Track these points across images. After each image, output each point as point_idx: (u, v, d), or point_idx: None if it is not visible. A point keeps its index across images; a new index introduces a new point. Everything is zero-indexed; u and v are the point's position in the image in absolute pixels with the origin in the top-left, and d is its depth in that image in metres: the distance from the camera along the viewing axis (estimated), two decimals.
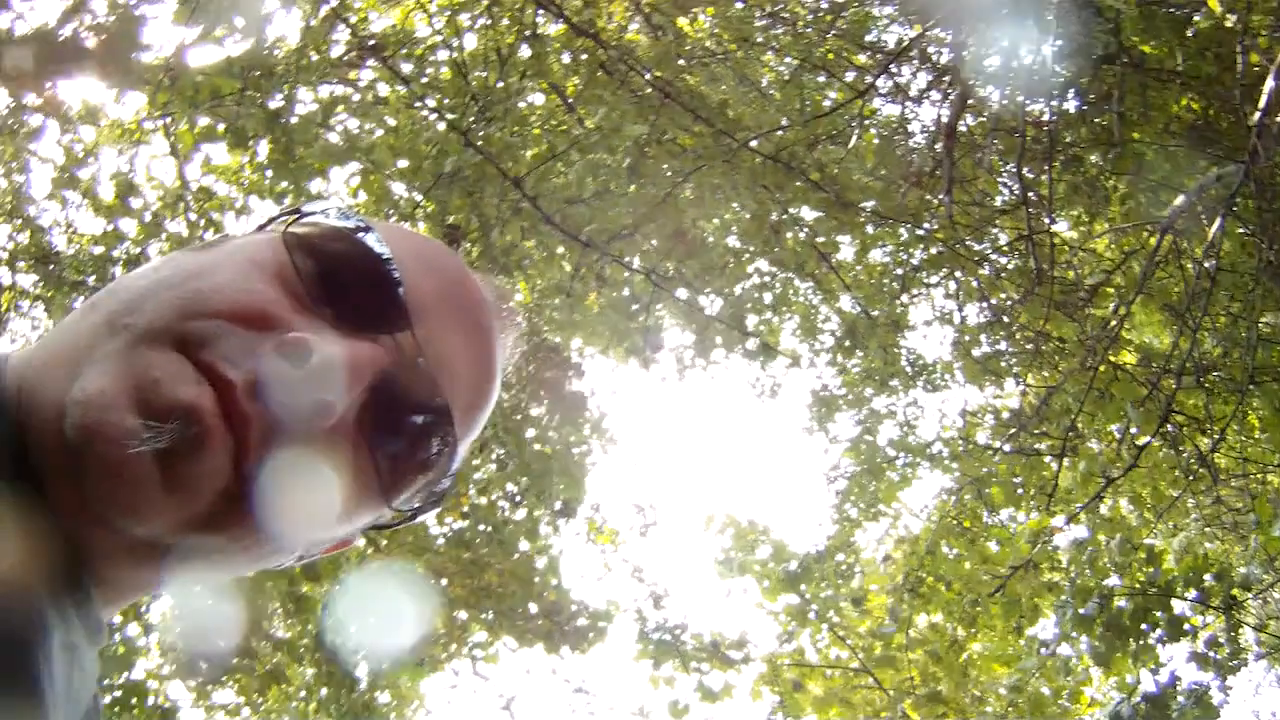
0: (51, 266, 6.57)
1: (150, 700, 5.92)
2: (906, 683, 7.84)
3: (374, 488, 0.73)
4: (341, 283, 0.72)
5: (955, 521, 6.83)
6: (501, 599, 6.12)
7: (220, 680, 7.04)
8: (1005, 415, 6.99)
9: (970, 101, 7.16)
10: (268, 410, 0.65)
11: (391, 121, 6.27)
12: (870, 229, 6.30)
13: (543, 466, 5.83)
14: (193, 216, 6.80)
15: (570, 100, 5.99)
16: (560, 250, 5.37)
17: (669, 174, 5.65)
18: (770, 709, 7.43)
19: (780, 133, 5.88)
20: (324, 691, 6.23)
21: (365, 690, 6.14)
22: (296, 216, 0.77)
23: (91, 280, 6.91)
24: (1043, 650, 7.41)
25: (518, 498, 6.17)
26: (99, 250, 6.68)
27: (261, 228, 0.82)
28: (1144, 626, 6.23)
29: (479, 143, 5.25)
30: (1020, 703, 8.35)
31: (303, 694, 6.62)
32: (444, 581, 6.17)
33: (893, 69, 7.16)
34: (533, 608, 6.27)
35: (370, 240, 0.74)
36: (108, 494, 0.63)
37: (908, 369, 6.84)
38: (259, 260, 0.72)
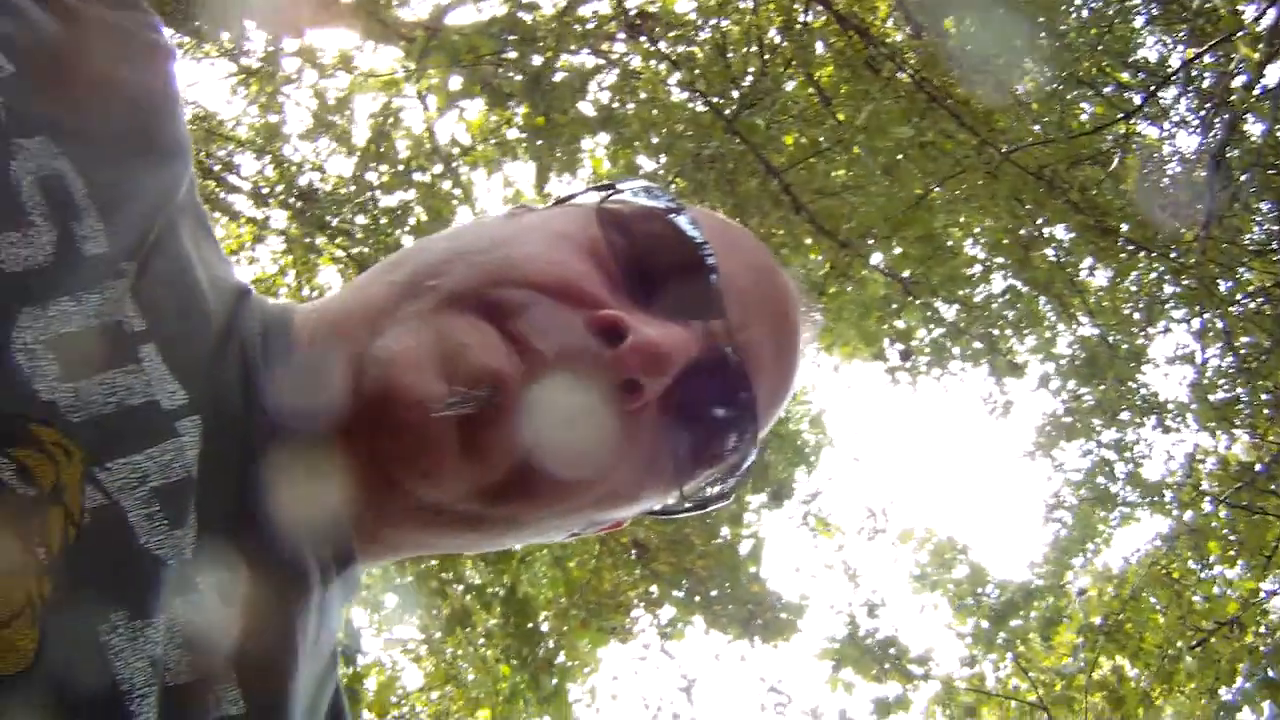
0: (304, 205, 6.90)
1: None
2: None
3: (666, 474, 0.72)
4: (655, 264, 0.70)
5: (1164, 570, 6.53)
6: (702, 580, 6.16)
7: (405, 617, 7.38)
8: (1234, 468, 6.62)
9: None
10: (576, 385, 0.63)
11: (644, 96, 6.33)
12: (1124, 256, 6.03)
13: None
14: (439, 169, 7.05)
15: (827, 95, 5.92)
16: (808, 241, 5.34)
17: (924, 178, 5.54)
18: None
19: (1043, 147, 5.68)
20: (507, 643, 6.41)
21: (549, 649, 6.28)
22: (609, 192, 0.75)
23: (335, 222, 7.26)
24: (1221, 715, 7.05)
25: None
26: (348, 193, 6.99)
27: (563, 201, 0.81)
28: None
29: (741, 130, 5.25)
30: None
31: (483, 640, 6.85)
32: (646, 554, 6.26)
33: (1152, 87, 6.83)
34: (727, 593, 6.29)
35: (683, 222, 0.71)
36: (403, 455, 0.63)
37: (1141, 404, 6.54)
38: (569, 233, 0.71)
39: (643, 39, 6.19)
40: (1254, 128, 7.01)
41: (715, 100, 5.47)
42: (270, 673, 0.59)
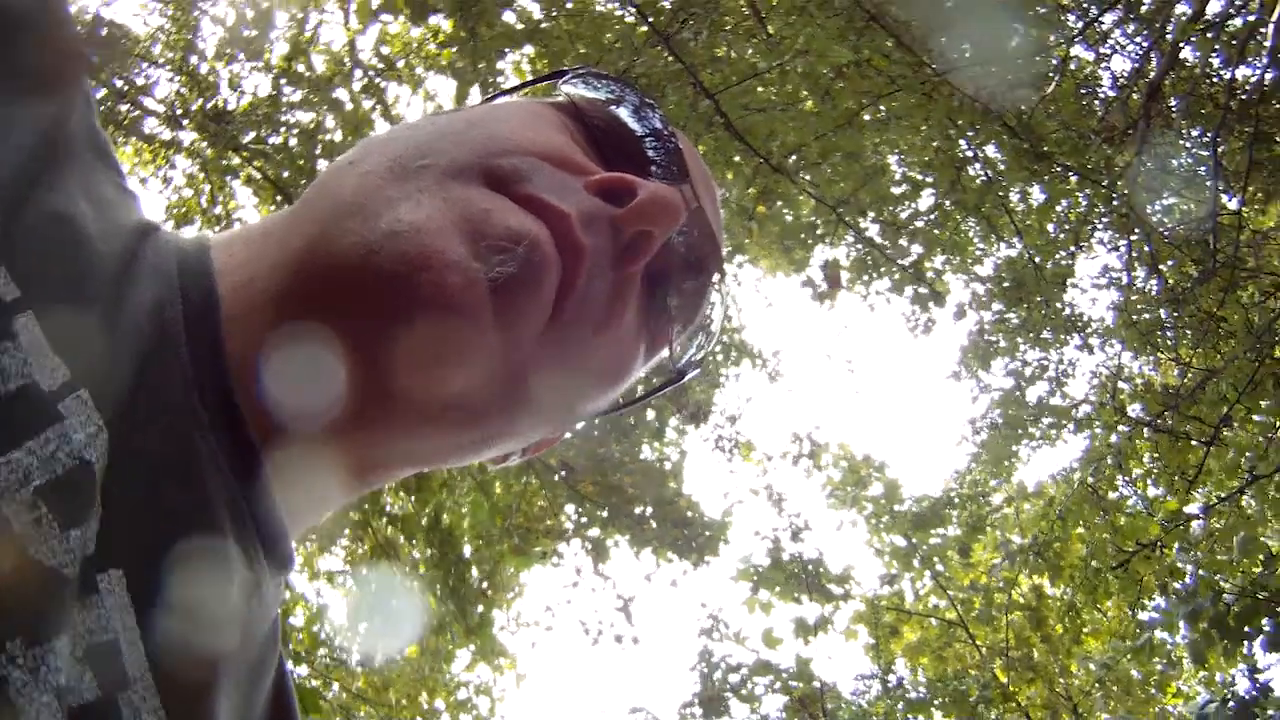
0: (216, 125, 6.58)
1: None
2: (1001, 643, 7.79)
3: (650, 345, 0.71)
4: (625, 136, 0.71)
5: (1091, 490, 6.65)
6: (629, 500, 6.13)
7: (328, 548, 7.24)
8: (1158, 390, 6.75)
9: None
10: (595, 246, 0.61)
11: (570, 6, 6.11)
12: (1055, 180, 6.02)
13: None
14: (357, 87, 6.77)
15: (760, 11, 5.76)
16: (736, 159, 5.22)
17: (858, 96, 5.43)
18: (863, 649, 7.43)
19: (979, 68, 5.61)
20: (433, 573, 6.33)
21: (474, 577, 6.23)
22: (558, 79, 0.75)
23: (248, 141, 6.96)
24: (1140, 633, 7.29)
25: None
26: (264, 111, 6.69)
27: (512, 91, 0.82)
28: (1248, 629, 6.07)
29: (672, 45, 5.08)
30: (1108, 681, 8.27)
31: (408, 570, 6.77)
32: (571, 474, 6.19)
33: (1092, 11, 6.78)
34: (649, 512, 6.28)
35: (638, 100, 0.73)
36: (433, 336, 0.56)
37: (1065, 324, 6.61)
38: (540, 113, 0.70)
39: None
40: (1191, 55, 7.04)
41: (645, 13, 5.27)
42: (193, 673, 0.52)
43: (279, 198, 6.62)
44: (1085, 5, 6.85)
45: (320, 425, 0.59)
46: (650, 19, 5.14)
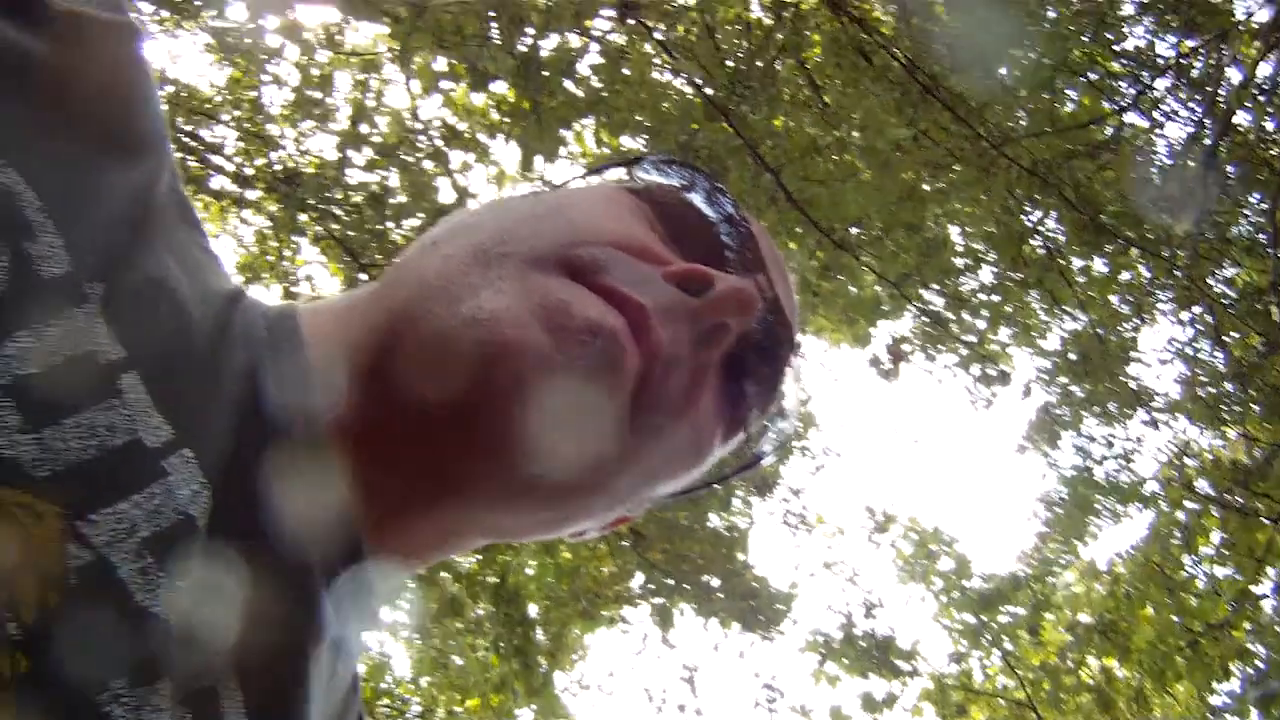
0: (288, 185, 6.77)
1: None
2: None
3: (729, 423, 0.72)
4: (699, 222, 0.72)
5: (1158, 567, 6.47)
6: (698, 569, 6.10)
7: (394, 603, 7.25)
8: (1226, 466, 6.57)
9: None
10: (672, 336, 0.62)
11: (627, 72, 6.21)
12: (1115, 251, 5.97)
13: None
14: (421, 152, 6.92)
15: (818, 83, 5.83)
16: (799, 230, 5.25)
17: (917, 167, 5.46)
18: None
19: (1035, 140, 5.60)
20: (497, 631, 6.31)
21: (539, 638, 6.21)
22: (636, 164, 0.77)
23: (315, 203, 7.14)
24: (1210, 717, 7.04)
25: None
26: (331, 174, 6.87)
27: (588, 174, 0.82)
28: None
29: (731, 119, 5.15)
30: None
31: (473, 628, 6.75)
32: (642, 541, 6.17)
33: (1144, 78, 6.75)
34: (717, 582, 6.24)
35: (709, 186, 0.74)
36: (514, 420, 0.57)
37: (1130, 398, 6.48)
38: (616, 199, 0.71)
39: (632, 21, 6.08)
40: (1245, 120, 6.96)
41: (703, 85, 5.36)
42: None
43: (346, 256, 6.78)
44: (1137, 72, 6.83)
45: (406, 497, 0.62)
46: (707, 89, 5.23)
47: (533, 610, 6.81)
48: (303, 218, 7.28)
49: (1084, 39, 6.55)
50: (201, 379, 0.55)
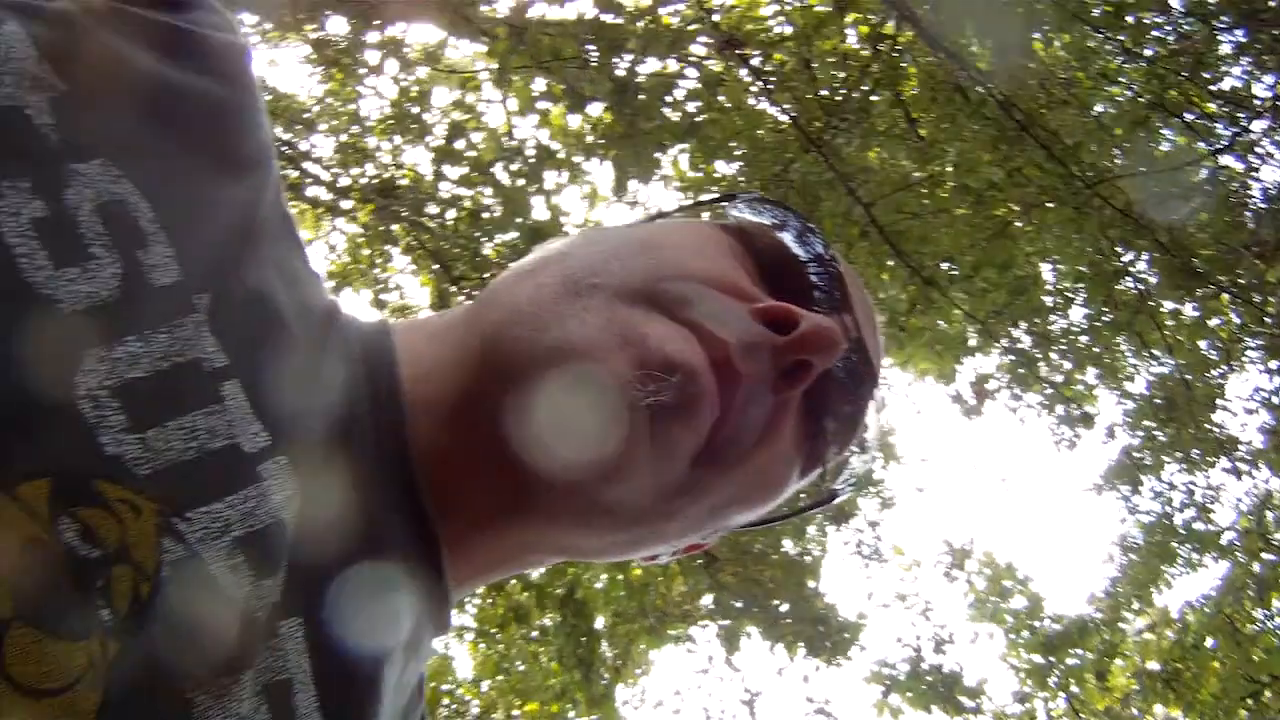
0: (384, 198, 6.95)
1: None
2: None
3: (805, 465, 0.72)
4: (788, 261, 0.72)
5: (1228, 619, 6.39)
6: (769, 593, 6.14)
7: (461, 604, 7.37)
8: None
9: None
10: (754, 374, 0.63)
11: (723, 98, 6.28)
12: (1206, 296, 5.92)
13: None
14: (517, 168, 7.08)
15: (913, 116, 5.87)
16: (890, 263, 5.31)
17: (1010, 204, 5.48)
18: None
19: (1130, 181, 5.60)
20: (561, 641, 6.42)
21: (604, 651, 6.28)
22: (728, 203, 0.78)
23: (409, 215, 7.32)
24: None
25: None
26: (427, 189, 7.04)
27: (682, 210, 0.83)
28: None
29: (825, 152, 5.22)
30: None
31: (535, 635, 6.87)
32: (715, 563, 6.23)
33: (1241, 119, 6.68)
34: (786, 607, 6.27)
35: (801, 225, 0.74)
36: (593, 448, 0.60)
37: (1214, 445, 6.41)
38: (709, 237, 0.72)
39: (729, 53, 6.17)
40: None
41: (797, 116, 5.44)
42: (353, 717, 0.57)
43: (437, 266, 6.94)
44: (1234, 113, 6.75)
45: (486, 512, 0.64)
46: (801, 122, 5.31)
47: (599, 623, 6.88)
48: (395, 228, 7.47)
49: (1181, 78, 6.51)
50: (298, 390, 0.57)
